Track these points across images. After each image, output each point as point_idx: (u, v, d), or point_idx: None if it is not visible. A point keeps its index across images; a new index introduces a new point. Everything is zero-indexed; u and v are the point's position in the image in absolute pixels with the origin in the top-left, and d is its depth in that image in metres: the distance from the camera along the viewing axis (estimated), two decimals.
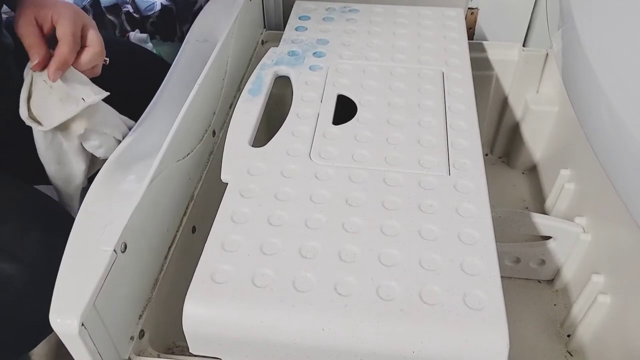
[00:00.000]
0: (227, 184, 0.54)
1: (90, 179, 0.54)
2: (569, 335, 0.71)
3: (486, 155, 1.01)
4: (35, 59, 0.55)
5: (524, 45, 0.92)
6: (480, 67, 0.88)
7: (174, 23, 1.22)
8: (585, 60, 0.58)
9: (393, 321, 0.42)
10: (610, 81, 0.53)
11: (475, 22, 0.93)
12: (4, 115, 0.60)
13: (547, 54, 0.86)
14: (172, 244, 0.57)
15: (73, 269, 0.44)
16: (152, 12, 1.20)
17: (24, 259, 0.55)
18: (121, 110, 0.63)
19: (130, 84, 0.65)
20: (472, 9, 0.92)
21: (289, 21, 0.81)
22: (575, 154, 0.78)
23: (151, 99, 0.64)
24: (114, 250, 0.45)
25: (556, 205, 0.81)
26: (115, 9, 1.11)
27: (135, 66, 0.80)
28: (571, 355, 0.70)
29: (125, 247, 0.47)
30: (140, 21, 1.19)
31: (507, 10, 0.90)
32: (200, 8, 0.82)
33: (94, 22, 0.59)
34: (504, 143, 0.99)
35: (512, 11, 0.90)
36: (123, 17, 1.15)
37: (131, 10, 1.19)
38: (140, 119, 0.62)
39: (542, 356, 0.71)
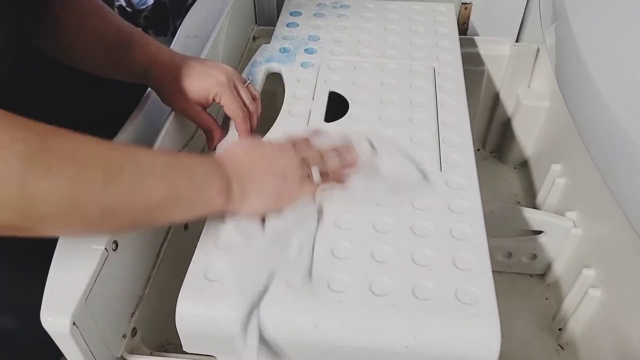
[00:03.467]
0: None
1: None
2: (560, 329, 0.72)
3: (478, 150, 1.02)
4: (216, 139, 0.59)
5: (517, 41, 0.92)
6: (472, 62, 0.89)
7: (167, 17, 1.21)
8: (577, 55, 0.58)
9: (386, 316, 0.42)
10: (603, 76, 0.53)
11: (469, 17, 0.93)
12: None
13: (539, 49, 0.87)
14: (164, 241, 0.57)
15: (64, 267, 0.44)
16: (145, 7, 1.20)
17: (20, 311, 0.50)
18: (114, 115, 0.62)
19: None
20: (466, 4, 0.92)
21: (280, 17, 0.81)
22: (566, 148, 0.78)
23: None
24: (105, 249, 0.45)
25: (547, 200, 0.82)
26: (108, 2, 1.10)
27: None
28: (562, 348, 0.71)
29: (117, 245, 0.46)
30: (133, 15, 1.18)
31: (500, 5, 0.91)
32: (194, 3, 0.81)
33: (238, 75, 0.60)
34: (495, 138, 1.00)
35: (505, 6, 0.91)
36: (116, 10, 1.14)
37: (124, 4, 1.18)
38: (132, 116, 0.61)
39: (533, 349, 0.72)
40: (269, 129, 0.60)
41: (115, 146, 0.42)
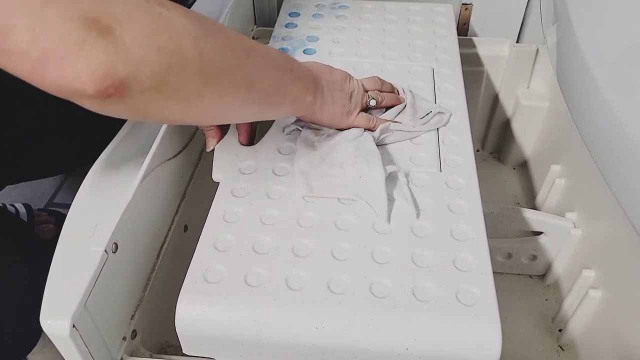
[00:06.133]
0: (219, 183, 0.54)
1: (81, 178, 0.53)
2: (560, 330, 0.72)
3: (477, 151, 1.02)
4: (215, 140, 0.59)
5: (517, 41, 0.92)
6: (471, 63, 0.89)
7: None
8: (579, 55, 0.58)
9: (386, 318, 0.42)
10: (605, 76, 0.53)
11: (470, 18, 0.93)
12: None
13: (538, 50, 0.87)
14: (163, 243, 0.57)
15: (64, 269, 0.44)
16: None
17: None
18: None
19: None
20: (467, 4, 0.92)
21: (279, 18, 0.80)
22: (566, 149, 0.78)
23: None
24: (105, 251, 0.44)
25: (547, 201, 0.82)
26: None
27: None
28: (562, 349, 0.71)
29: (116, 247, 0.46)
30: None
31: (501, 6, 0.91)
32: (194, 3, 0.81)
33: None
34: (495, 139, 1.00)
35: (506, 7, 0.91)
36: None
37: None
38: None
39: (534, 351, 0.71)
40: (269, 129, 0.60)
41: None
